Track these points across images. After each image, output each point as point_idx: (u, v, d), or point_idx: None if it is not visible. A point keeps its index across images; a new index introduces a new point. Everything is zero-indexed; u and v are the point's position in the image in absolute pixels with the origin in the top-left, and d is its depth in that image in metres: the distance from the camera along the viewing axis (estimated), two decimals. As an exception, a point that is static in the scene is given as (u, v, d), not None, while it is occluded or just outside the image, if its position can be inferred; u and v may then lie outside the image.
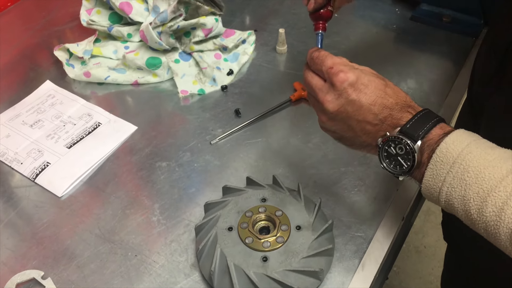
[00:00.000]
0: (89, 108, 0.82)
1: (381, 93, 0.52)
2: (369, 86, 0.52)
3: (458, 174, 0.46)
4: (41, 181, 0.71)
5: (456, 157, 0.46)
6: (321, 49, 0.58)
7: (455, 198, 0.46)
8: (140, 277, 0.60)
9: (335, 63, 0.54)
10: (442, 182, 0.47)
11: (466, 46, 0.90)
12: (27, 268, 0.61)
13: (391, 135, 0.51)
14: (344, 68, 0.53)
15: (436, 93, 0.82)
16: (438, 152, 0.47)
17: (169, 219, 0.66)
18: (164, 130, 0.79)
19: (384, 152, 0.52)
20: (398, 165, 0.52)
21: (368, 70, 0.55)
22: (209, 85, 0.85)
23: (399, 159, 0.51)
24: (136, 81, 0.86)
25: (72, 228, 0.66)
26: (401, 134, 0.50)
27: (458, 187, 0.46)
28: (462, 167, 0.46)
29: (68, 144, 0.76)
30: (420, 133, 0.49)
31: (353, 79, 0.52)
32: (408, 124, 0.50)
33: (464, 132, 0.49)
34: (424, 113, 0.51)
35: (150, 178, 0.72)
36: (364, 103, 0.52)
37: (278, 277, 0.54)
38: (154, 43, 0.84)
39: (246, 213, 0.60)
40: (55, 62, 0.91)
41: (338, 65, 0.54)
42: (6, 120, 0.80)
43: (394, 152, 0.51)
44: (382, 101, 0.52)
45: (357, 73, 0.53)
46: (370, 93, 0.52)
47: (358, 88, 0.52)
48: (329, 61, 0.54)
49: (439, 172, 0.47)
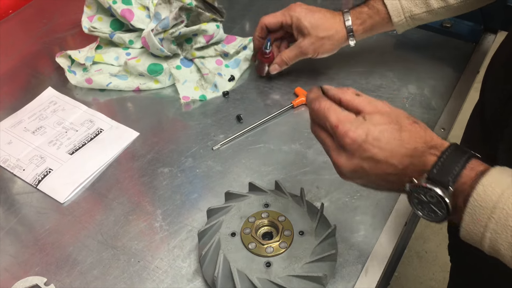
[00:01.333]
0: (91, 115, 0.82)
1: (397, 142, 0.48)
2: (382, 139, 0.48)
3: (501, 220, 0.43)
4: (44, 187, 0.71)
5: (496, 201, 0.43)
6: (322, 98, 0.52)
7: (501, 245, 0.43)
8: (143, 283, 0.60)
9: (340, 121, 0.49)
10: (484, 228, 0.44)
11: (467, 51, 0.91)
12: (30, 274, 0.61)
13: (419, 184, 0.47)
14: (350, 127, 0.49)
15: (437, 98, 0.82)
16: (475, 195, 0.44)
17: (171, 225, 0.66)
18: (165, 136, 0.79)
19: (415, 199, 0.49)
20: (432, 212, 0.48)
21: (378, 116, 0.49)
22: (211, 91, 0.85)
23: (431, 206, 0.48)
24: (138, 88, 0.86)
25: (75, 234, 0.66)
26: (429, 183, 0.46)
27: (503, 233, 0.42)
28: (505, 211, 0.42)
29: (70, 151, 0.76)
30: (450, 179, 0.45)
31: (363, 137, 0.48)
32: (435, 169, 0.46)
33: (500, 172, 0.45)
34: (450, 152, 0.47)
35: (152, 184, 0.72)
36: (380, 158, 0.48)
37: (282, 282, 0.54)
38: (155, 50, 0.85)
39: (249, 219, 0.60)
40: (57, 69, 0.91)
41: (343, 124, 0.49)
42: (8, 127, 0.80)
43: (426, 200, 0.47)
44: (400, 151, 0.48)
45: (366, 127, 0.48)
46: (384, 145, 0.48)
47: (371, 144, 0.48)
48: (333, 118, 0.50)
49: (479, 217, 0.44)
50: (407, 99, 0.83)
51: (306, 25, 0.78)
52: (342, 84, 0.85)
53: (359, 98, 0.51)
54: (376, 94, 0.83)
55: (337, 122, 0.49)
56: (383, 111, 0.50)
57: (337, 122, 0.49)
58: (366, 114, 0.50)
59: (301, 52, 0.80)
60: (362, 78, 0.86)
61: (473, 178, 0.45)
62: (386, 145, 0.48)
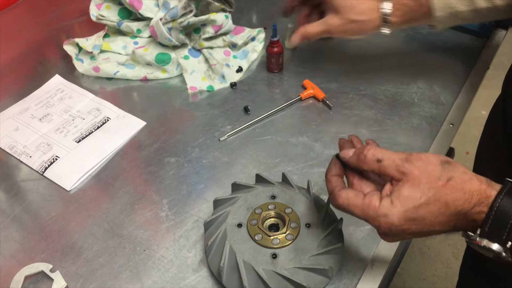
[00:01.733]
0: (98, 103, 0.82)
1: (434, 214, 0.46)
2: (417, 218, 0.46)
3: None
4: (50, 174, 0.71)
5: None
6: (338, 193, 0.50)
7: None
8: (149, 271, 0.60)
9: (366, 215, 0.48)
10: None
11: (477, 47, 0.90)
12: (35, 261, 0.61)
13: (471, 242, 0.45)
14: (380, 219, 0.47)
15: (446, 93, 0.82)
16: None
17: (177, 215, 0.66)
18: (172, 126, 0.79)
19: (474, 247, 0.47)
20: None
21: (406, 191, 0.46)
22: (218, 82, 0.85)
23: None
24: (145, 77, 0.86)
25: (81, 222, 0.66)
26: (484, 241, 0.44)
27: None
28: None
29: (77, 139, 0.76)
30: (505, 234, 0.43)
31: (396, 223, 0.46)
32: (486, 227, 0.44)
33: None
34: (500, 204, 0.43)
35: (158, 174, 0.72)
36: (422, 230, 0.47)
37: (288, 274, 0.54)
38: (163, 39, 0.84)
39: (255, 210, 0.60)
40: (64, 57, 0.91)
41: (372, 218, 0.47)
42: (15, 113, 0.80)
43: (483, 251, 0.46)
44: (440, 219, 0.46)
45: (396, 213, 0.46)
46: (422, 221, 0.46)
47: (407, 225, 0.46)
48: (358, 213, 0.48)
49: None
50: (416, 94, 0.82)
51: (340, 2, 0.71)
52: (351, 79, 0.85)
53: (381, 166, 0.48)
54: (385, 88, 0.83)
55: (365, 217, 0.48)
56: (412, 178, 0.46)
57: (365, 217, 0.48)
58: (393, 191, 0.47)
59: (328, 31, 0.74)
60: (371, 72, 0.86)
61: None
62: (424, 221, 0.46)
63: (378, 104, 0.81)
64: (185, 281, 0.59)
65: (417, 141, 0.74)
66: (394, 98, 0.81)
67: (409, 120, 0.78)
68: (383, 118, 0.78)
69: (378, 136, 0.75)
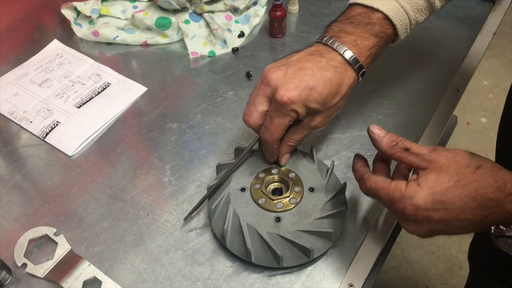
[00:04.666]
0: (98, 68, 0.80)
1: (463, 198, 0.44)
2: (445, 201, 0.44)
3: None
4: (51, 140, 0.70)
5: None
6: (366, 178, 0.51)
7: None
8: (152, 235, 0.60)
9: (392, 198, 0.47)
10: None
11: (483, 12, 0.88)
12: (39, 225, 0.61)
13: (504, 233, 0.44)
14: (405, 201, 0.45)
15: (452, 59, 0.80)
16: None
17: (180, 180, 0.66)
18: (174, 92, 0.78)
19: (504, 244, 0.45)
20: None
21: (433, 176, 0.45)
22: (220, 47, 0.83)
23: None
24: (145, 42, 0.84)
25: (84, 187, 0.66)
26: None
27: None
28: None
29: (77, 104, 0.75)
30: None
31: (423, 206, 0.45)
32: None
33: None
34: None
35: (160, 139, 0.71)
36: (450, 218, 0.45)
37: (291, 237, 0.54)
38: (164, 3, 0.82)
39: (259, 174, 0.60)
40: (62, 22, 0.89)
41: (397, 201, 0.46)
42: (14, 79, 0.79)
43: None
44: (470, 205, 0.44)
45: (423, 195, 0.45)
46: (450, 206, 0.44)
47: (434, 209, 0.44)
48: (384, 197, 0.48)
49: None
50: (420, 59, 0.81)
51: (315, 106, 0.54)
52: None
53: (409, 155, 0.48)
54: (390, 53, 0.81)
55: (390, 200, 0.47)
56: (439, 166, 0.45)
57: (390, 200, 0.47)
58: (419, 176, 0.46)
59: (313, 130, 0.59)
60: (375, 37, 0.84)
61: None
62: (452, 205, 0.44)
63: (382, 69, 0.79)
64: (189, 244, 0.59)
65: (422, 106, 0.74)
66: (398, 64, 0.80)
67: (413, 86, 0.77)
68: (387, 84, 0.77)
69: (382, 102, 0.75)
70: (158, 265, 0.58)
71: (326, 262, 0.57)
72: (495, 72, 2.03)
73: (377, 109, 0.74)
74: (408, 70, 0.79)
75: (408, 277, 1.51)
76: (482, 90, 2.00)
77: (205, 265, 0.57)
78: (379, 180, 0.49)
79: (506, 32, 1.97)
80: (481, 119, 1.92)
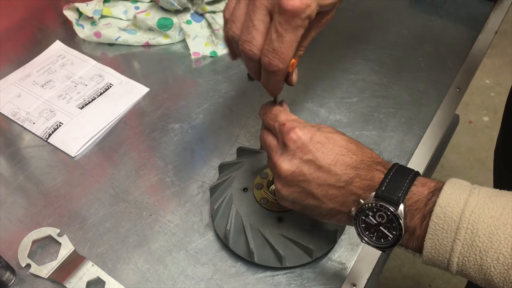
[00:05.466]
0: (100, 69, 0.81)
1: (342, 150, 0.46)
2: (326, 144, 0.46)
3: (467, 240, 0.39)
4: (54, 141, 0.71)
5: (458, 221, 0.39)
6: (275, 103, 0.52)
7: (470, 268, 0.39)
8: (155, 235, 0.60)
9: (288, 120, 0.48)
10: (449, 253, 0.40)
11: (485, 10, 0.88)
12: (43, 226, 0.62)
13: (366, 203, 0.43)
14: (298, 125, 0.47)
15: (453, 58, 0.80)
16: (434, 218, 0.40)
17: (182, 180, 0.66)
18: (176, 92, 0.78)
19: (362, 224, 0.44)
20: (382, 237, 0.44)
21: (330, 128, 0.48)
22: (222, 47, 0.83)
23: (381, 229, 0.43)
24: (147, 42, 0.84)
25: (87, 187, 0.66)
26: (377, 200, 0.42)
27: (471, 255, 0.39)
28: (470, 231, 0.39)
29: (80, 105, 0.75)
30: (400, 195, 0.42)
31: (307, 136, 0.46)
32: (383, 186, 0.43)
33: (455, 186, 0.41)
34: (396, 169, 0.44)
35: (162, 140, 0.71)
36: (322, 163, 0.45)
37: (294, 237, 0.55)
38: (165, 3, 0.82)
39: (261, 174, 0.60)
40: (64, 23, 0.89)
41: (291, 122, 0.47)
42: (17, 80, 0.79)
43: (374, 222, 0.43)
44: (345, 159, 0.45)
45: (313, 131, 0.47)
46: (328, 151, 0.45)
47: (314, 146, 0.45)
48: (282, 117, 0.49)
49: (442, 242, 0.40)
50: (422, 58, 0.81)
51: None
52: (357, 44, 0.83)
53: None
54: (391, 53, 0.82)
55: (286, 120, 0.48)
56: (336, 130, 0.49)
57: (286, 120, 0.48)
58: (318, 126, 0.48)
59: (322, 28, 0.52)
60: (378, 36, 0.84)
61: (428, 196, 0.42)
62: (330, 151, 0.45)
63: (383, 68, 0.79)
64: (191, 244, 0.59)
65: (423, 106, 0.74)
66: (400, 63, 0.80)
67: (415, 85, 0.77)
68: (388, 83, 0.77)
69: (384, 101, 0.75)
70: (161, 265, 0.58)
71: (328, 261, 0.57)
72: (497, 70, 2.03)
73: (379, 108, 0.74)
74: (410, 69, 0.79)
75: (410, 276, 1.51)
76: (484, 88, 1.99)
77: (208, 265, 0.57)
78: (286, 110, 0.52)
79: (508, 30, 1.96)
80: (483, 117, 1.92)
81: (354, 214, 0.44)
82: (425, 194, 0.42)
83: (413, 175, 0.43)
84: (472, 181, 0.42)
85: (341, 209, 0.46)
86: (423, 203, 0.42)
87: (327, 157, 0.45)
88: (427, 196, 0.42)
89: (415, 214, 0.42)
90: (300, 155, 0.46)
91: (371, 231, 0.44)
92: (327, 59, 0.81)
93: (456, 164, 1.78)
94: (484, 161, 1.78)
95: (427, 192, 0.42)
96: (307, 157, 0.45)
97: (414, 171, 0.44)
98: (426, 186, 0.43)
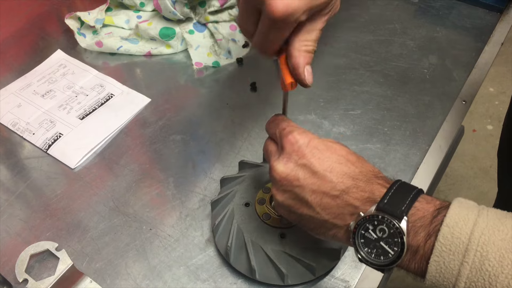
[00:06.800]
0: (101, 79, 0.80)
1: (340, 158, 0.44)
2: (324, 151, 0.44)
3: (475, 264, 0.36)
4: (54, 152, 0.70)
5: (467, 242, 0.37)
6: (281, 114, 0.52)
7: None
8: (155, 250, 0.59)
9: (289, 125, 0.48)
10: (456, 277, 0.37)
11: (491, 21, 0.87)
12: (41, 239, 0.61)
13: (367, 215, 0.41)
14: (297, 130, 0.46)
15: (459, 69, 0.80)
16: (441, 239, 0.38)
17: (183, 193, 0.65)
18: (177, 103, 0.77)
19: (361, 239, 0.42)
20: (381, 254, 0.41)
21: (332, 140, 0.47)
22: (224, 58, 0.83)
23: (382, 244, 0.41)
24: (149, 52, 0.84)
25: (86, 200, 0.65)
26: (379, 212, 0.40)
27: (479, 280, 0.36)
28: (479, 254, 0.36)
29: (80, 115, 0.74)
30: (403, 208, 0.40)
31: (305, 140, 0.45)
32: (386, 199, 0.41)
33: (462, 206, 0.39)
34: (399, 184, 0.42)
35: (164, 152, 0.70)
36: (317, 168, 0.43)
37: (296, 254, 0.53)
38: (168, 13, 0.82)
39: (263, 189, 0.59)
40: (65, 32, 0.88)
41: (291, 127, 0.47)
42: (17, 90, 0.78)
43: (374, 237, 0.41)
44: (342, 168, 0.43)
45: (312, 136, 0.46)
46: (324, 158, 0.44)
47: (310, 151, 0.44)
48: (284, 124, 0.48)
49: (449, 265, 0.37)
50: (427, 70, 0.80)
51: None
52: (361, 55, 0.82)
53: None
54: (396, 64, 0.81)
55: (286, 126, 0.48)
56: (337, 142, 0.47)
57: (286, 126, 0.48)
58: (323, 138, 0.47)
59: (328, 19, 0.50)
60: (382, 47, 0.83)
61: (433, 213, 0.40)
62: (327, 158, 0.44)
63: (388, 80, 0.78)
64: (192, 260, 0.58)
65: (429, 119, 0.73)
66: (405, 75, 0.79)
67: (420, 97, 0.76)
68: (393, 95, 0.76)
69: (388, 113, 0.74)
70: (161, 281, 0.57)
71: (331, 279, 0.56)
72: (501, 79, 2.02)
73: (383, 121, 0.73)
74: (415, 81, 0.78)
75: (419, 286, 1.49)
76: (488, 97, 1.98)
77: (208, 282, 0.56)
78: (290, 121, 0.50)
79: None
80: (487, 126, 1.91)
81: (353, 228, 0.42)
82: (430, 211, 0.40)
83: (416, 192, 0.42)
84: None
85: (336, 222, 0.44)
86: (429, 220, 0.40)
87: (323, 163, 0.44)
88: (432, 214, 0.40)
89: (419, 232, 0.40)
90: (296, 158, 0.45)
91: (370, 247, 0.42)
92: (331, 70, 0.80)
93: (460, 173, 1.77)
94: (488, 170, 1.77)
95: (432, 209, 0.40)
96: (302, 162, 0.44)
97: (417, 188, 0.42)
98: (431, 203, 0.41)
